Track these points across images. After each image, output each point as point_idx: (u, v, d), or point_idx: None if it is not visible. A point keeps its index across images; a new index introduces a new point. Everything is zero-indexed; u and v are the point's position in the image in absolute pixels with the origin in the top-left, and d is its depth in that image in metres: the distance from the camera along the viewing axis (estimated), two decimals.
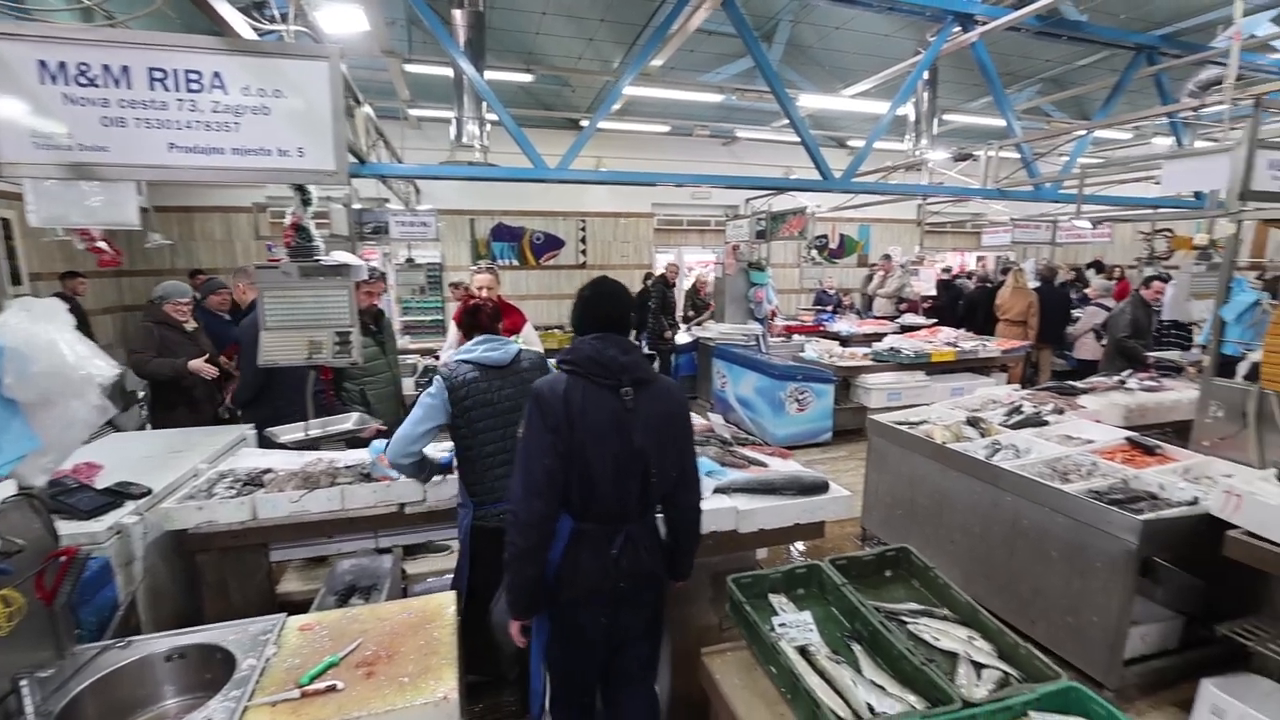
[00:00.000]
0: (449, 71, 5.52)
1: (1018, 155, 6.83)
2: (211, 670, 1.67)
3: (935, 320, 8.40)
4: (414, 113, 9.08)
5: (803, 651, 1.67)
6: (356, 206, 6.73)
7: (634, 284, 10.57)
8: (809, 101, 7.67)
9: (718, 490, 2.45)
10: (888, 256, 9.74)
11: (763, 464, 2.76)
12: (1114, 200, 6.97)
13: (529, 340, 3.74)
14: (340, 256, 2.86)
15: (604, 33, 7.64)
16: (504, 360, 2.42)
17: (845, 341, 7.59)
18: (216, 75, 1.94)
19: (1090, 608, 2.74)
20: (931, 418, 3.86)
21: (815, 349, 6.62)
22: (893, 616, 1.81)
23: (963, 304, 8.79)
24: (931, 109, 7.15)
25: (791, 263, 11.49)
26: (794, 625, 1.73)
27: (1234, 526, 2.50)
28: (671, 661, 2.31)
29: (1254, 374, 3.15)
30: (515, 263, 10.77)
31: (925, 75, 6.81)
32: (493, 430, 2.37)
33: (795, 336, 7.68)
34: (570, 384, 1.75)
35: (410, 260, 8.19)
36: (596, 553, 1.76)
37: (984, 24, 5.87)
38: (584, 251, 11.12)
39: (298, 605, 2.47)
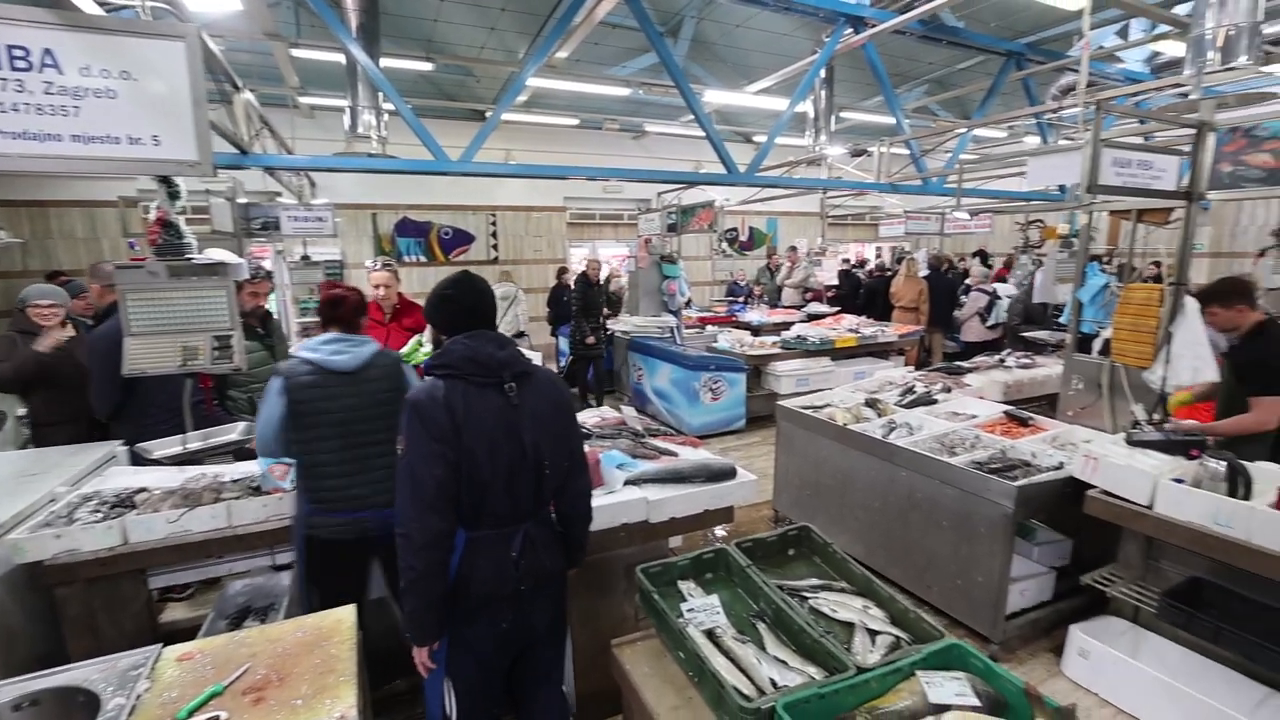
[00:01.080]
0: (342, 58, 5.23)
1: (907, 152, 7.29)
2: (73, 716, 1.51)
3: (838, 308, 8.84)
4: (305, 101, 8.53)
5: (710, 634, 1.71)
6: (242, 200, 6.25)
7: (548, 279, 10.46)
8: (714, 97, 7.83)
9: (629, 482, 2.47)
10: (794, 248, 10.15)
11: (673, 454, 2.80)
12: (992, 194, 7.57)
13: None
14: (216, 254, 2.65)
15: (506, 22, 7.47)
16: (350, 365, 2.19)
17: (756, 331, 7.84)
18: (48, 53, 1.72)
19: (976, 570, 2.97)
20: (834, 401, 4.05)
21: (727, 339, 6.80)
22: (795, 593, 1.89)
23: (862, 292, 9.29)
24: (829, 106, 7.49)
25: (704, 255, 11.73)
26: (701, 609, 1.77)
27: (1092, 486, 2.79)
28: (588, 657, 2.31)
29: (1106, 349, 3.52)
30: (423, 259, 10.38)
31: (822, 74, 7.12)
32: (328, 440, 2.18)
33: (709, 327, 7.84)
34: (449, 389, 1.68)
35: (306, 258, 7.71)
36: (495, 558, 1.71)
37: (873, 26, 6.19)
38: (495, 246, 10.87)
39: (186, 635, 2.27)
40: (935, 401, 3.91)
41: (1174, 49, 6.73)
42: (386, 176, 8.71)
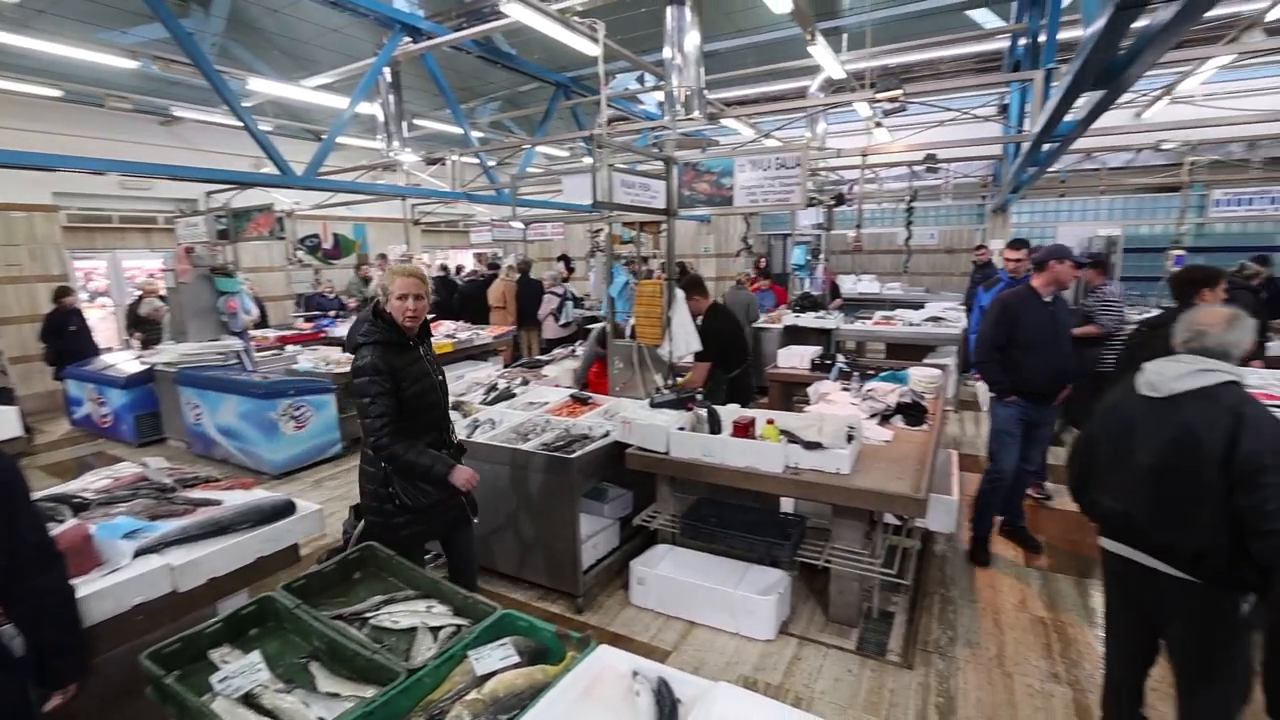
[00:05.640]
0: None
1: (479, 162, 7.72)
2: None
3: (434, 314, 8.85)
4: None
5: (249, 698, 1.50)
6: None
7: (39, 303, 7.78)
8: (263, 86, 6.90)
9: (143, 551, 1.99)
10: (383, 256, 9.73)
11: (215, 502, 2.37)
12: (550, 205, 8.59)
13: None
14: None
15: None
16: None
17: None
18: None
19: (556, 539, 3.35)
20: None
21: (311, 358, 6.11)
22: (356, 617, 1.81)
23: (457, 297, 9.53)
24: (399, 111, 7.36)
25: (278, 265, 10.27)
26: (237, 674, 1.54)
27: (630, 445, 3.43)
28: None
29: (634, 333, 4.37)
30: None
31: (388, 78, 6.97)
32: None
33: (289, 347, 6.93)
34: None
35: None
36: None
37: (430, 39, 6.33)
38: None
39: None
40: (514, 395, 4.25)
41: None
42: None
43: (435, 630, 1.79)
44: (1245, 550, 1.77)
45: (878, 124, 8.34)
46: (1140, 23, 2.06)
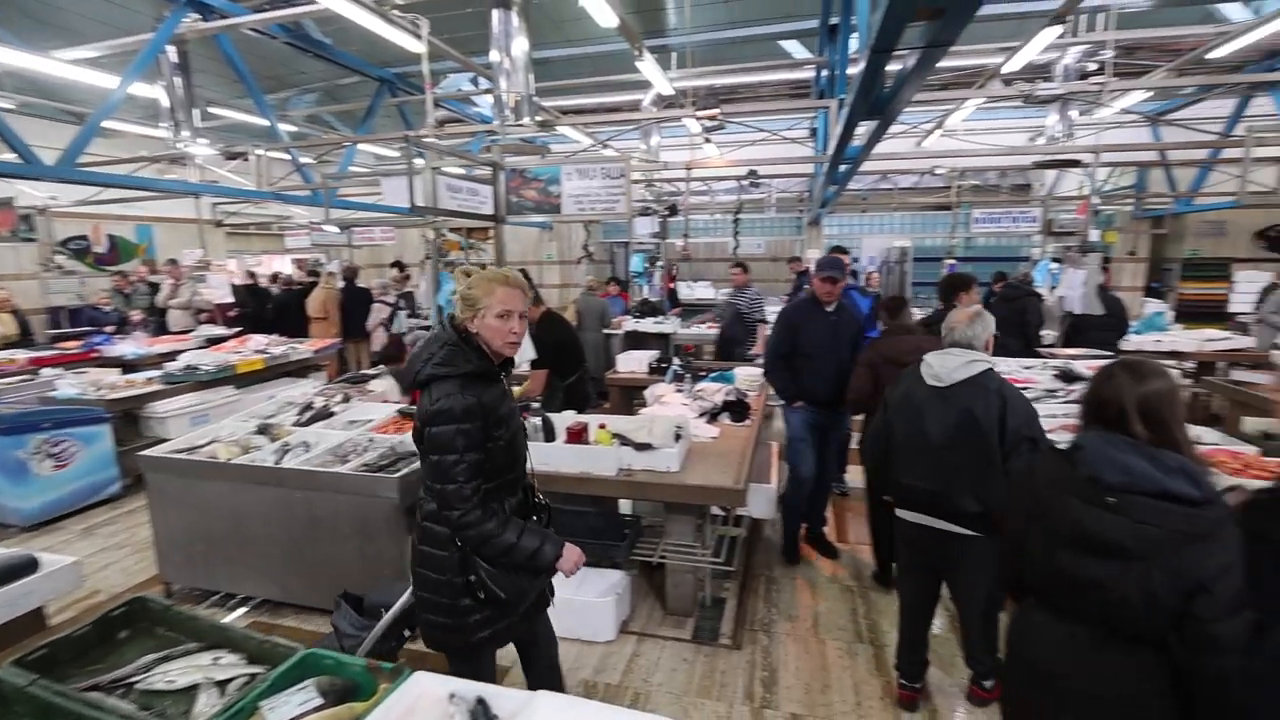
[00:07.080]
0: None
1: (290, 158, 7.01)
2: None
3: (241, 329, 7.87)
4: None
5: None
6: None
7: None
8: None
9: None
10: (173, 261, 8.46)
11: None
12: (369, 207, 8.05)
13: None
14: None
15: None
16: None
17: (132, 367, 6.22)
18: None
19: (382, 565, 3.12)
20: (221, 436, 3.58)
21: (77, 383, 5.13)
22: (119, 684, 1.56)
23: (271, 308, 8.58)
24: (189, 97, 6.46)
25: (28, 272, 8.45)
26: None
27: None
28: None
29: None
30: None
31: (174, 59, 6.09)
32: None
33: (46, 370, 5.77)
34: None
35: None
36: None
37: (224, 18, 5.66)
38: None
39: None
40: (333, 413, 3.91)
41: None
42: None
43: (224, 684, 1.59)
44: None
45: (706, 139, 8.90)
46: (895, 66, 2.41)
